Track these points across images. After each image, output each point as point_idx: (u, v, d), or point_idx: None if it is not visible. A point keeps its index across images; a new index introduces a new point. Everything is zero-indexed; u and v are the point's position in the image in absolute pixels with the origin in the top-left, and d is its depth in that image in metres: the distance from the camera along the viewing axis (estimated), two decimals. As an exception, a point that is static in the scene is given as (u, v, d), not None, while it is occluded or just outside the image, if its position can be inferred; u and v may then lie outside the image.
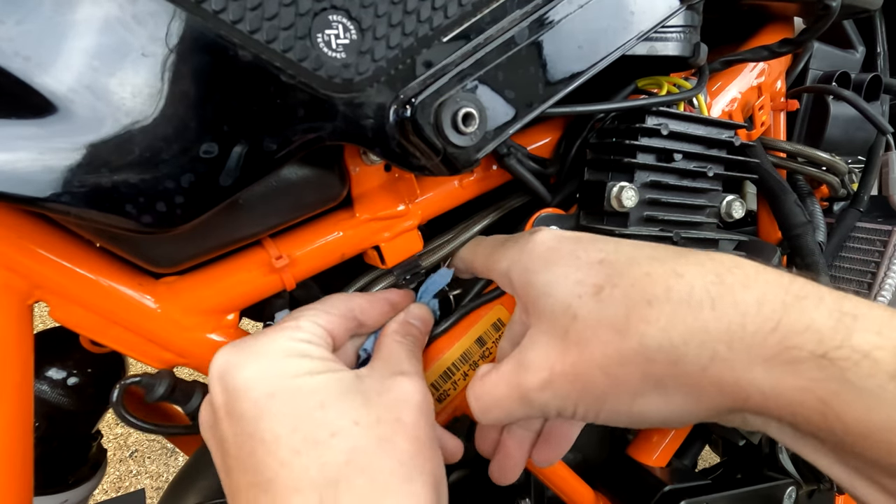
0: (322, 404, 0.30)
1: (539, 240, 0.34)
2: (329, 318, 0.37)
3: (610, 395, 0.27)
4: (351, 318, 0.39)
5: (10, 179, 0.26)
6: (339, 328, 0.37)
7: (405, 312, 0.43)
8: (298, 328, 0.34)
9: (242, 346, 0.33)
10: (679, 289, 0.25)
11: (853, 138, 0.72)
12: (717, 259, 0.26)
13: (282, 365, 0.32)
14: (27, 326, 0.35)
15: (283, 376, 0.31)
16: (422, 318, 0.43)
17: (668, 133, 0.46)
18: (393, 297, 0.43)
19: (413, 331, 0.41)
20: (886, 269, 0.68)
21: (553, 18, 0.38)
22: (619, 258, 0.28)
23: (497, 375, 0.31)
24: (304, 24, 0.30)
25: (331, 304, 0.38)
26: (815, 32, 0.54)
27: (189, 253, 0.36)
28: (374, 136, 0.34)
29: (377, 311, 0.41)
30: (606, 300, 0.27)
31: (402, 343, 0.39)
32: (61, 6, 0.26)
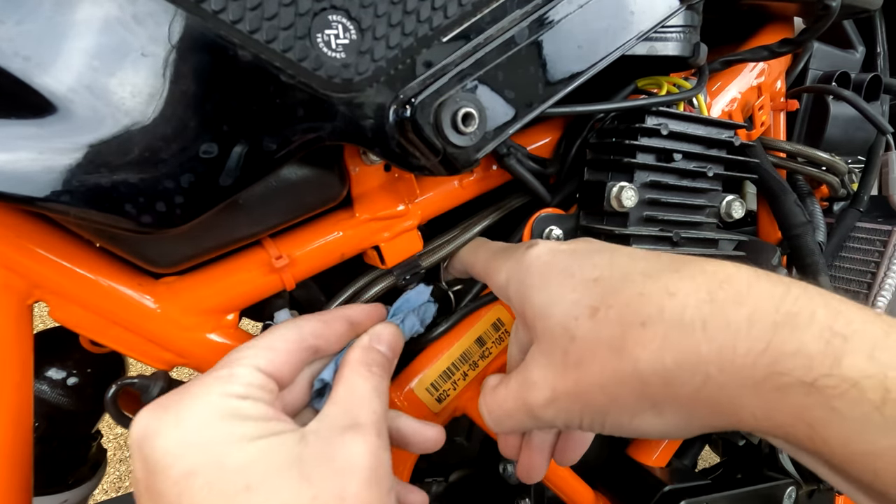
0: (248, 486, 0.26)
1: (535, 254, 0.33)
2: (272, 356, 0.33)
3: (610, 412, 0.27)
4: (303, 348, 0.35)
5: (10, 179, 0.26)
6: (286, 365, 0.33)
7: (370, 335, 0.38)
8: (231, 378, 0.30)
9: (166, 407, 0.29)
10: (672, 308, 0.25)
11: (853, 138, 0.72)
12: (710, 272, 0.25)
13: (206, 433, 0.27)
14: (27, 326, 0.35)
15: (206, 448, 0.27)
16: (390, 341, 0.38)
17: (668, 133, 0.46)
18: (354, 315, 0.39)
19: (378, 358, 0.36)
20: (886, 269, 0.68)
21: (553, 18, 0.38)
22: (614, 275, 0.28)
23: (505, 391, 0.32)
24: (304, 24, 0.30)
25: (276, 337, 0.34)
26: (815, 32, 0.54)
27: (189, 253, 0.36)
28: (374, 136, 0.34)
29: (334, 333, 0.37)
30: (602, 321, 0.27)
31: (364, 377, 0.34)
32: (61, 6, 0.26)
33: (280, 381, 0.33)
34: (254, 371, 0.31)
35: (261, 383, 0.31)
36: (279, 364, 0.33)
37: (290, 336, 0.34)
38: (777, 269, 0.54)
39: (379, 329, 0.38)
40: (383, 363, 0.36)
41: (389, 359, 0.37)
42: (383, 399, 0.33)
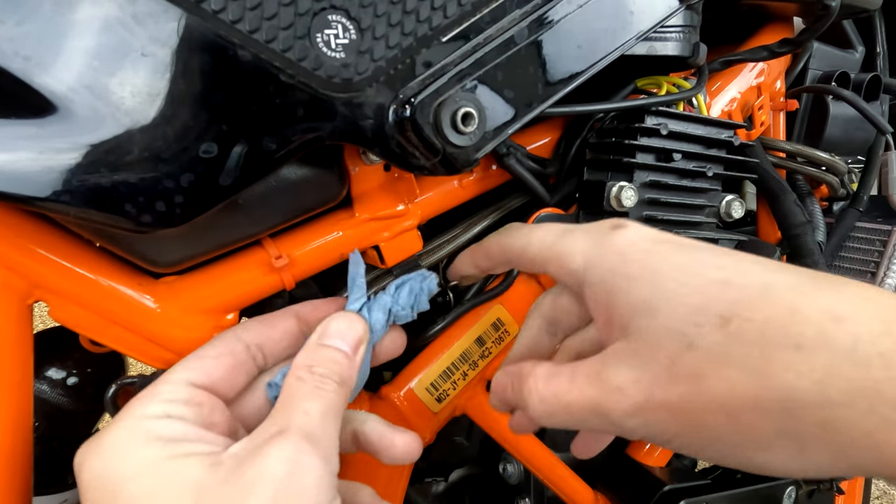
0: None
1: (629, 239, 0.28)
2: (204, 366, 0.30)
3: (726, 439, 0.23)
4: (242, 354, 0.32)
5: (10, 179, 0.26)
6: (223, 374, 0.31)
7: (318, 330, 0.33)
8: (153, 397, 0.28)
9: (95, 436, 0.28)
10: (840, 337, 0.21)
11: (853, 138, 0.72)
12: (879, 300, 0.22)
13: (117, 461, 0.26)
14: (27, 326, 0.35)
15: (110, 479, 0.26)
16: (344, 334, 0.32)
17: (668, 133, 0.47)
18: (303, 311, 0.35)
19: (326, 356, 0.31)
20: (886, 269, 0.68)
21: (552, 18, 0.38)
22: (749, 283, 0.24)
23: (569, 383, 0.27)
24: (304, 24, 0.30)
25: (209, 345, 0.32)
26: (815, 32, 0.54)
27: (189, 253, 0.36)
28: (374, 136, 0.34)
29: (279, 334, 0.34)
30: (736, 335, 0.23)
31: (302, 380, 0.29)
32: (61, 6, 0.26)
33: (220, 393, 0.31)
34: (180, 386, 0.29)
35: (186, 398, 0.29)
36: (214, 374, 0.30)
37: (226, 343, 0.32)
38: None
39: (328, 323, 0.33)
40: (334, 361, 0.31)
41: (346, 354, 0.32)
42: (328, 400, 0.29)
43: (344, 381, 0.31)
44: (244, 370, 0.32)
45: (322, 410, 0.28)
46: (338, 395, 0.30)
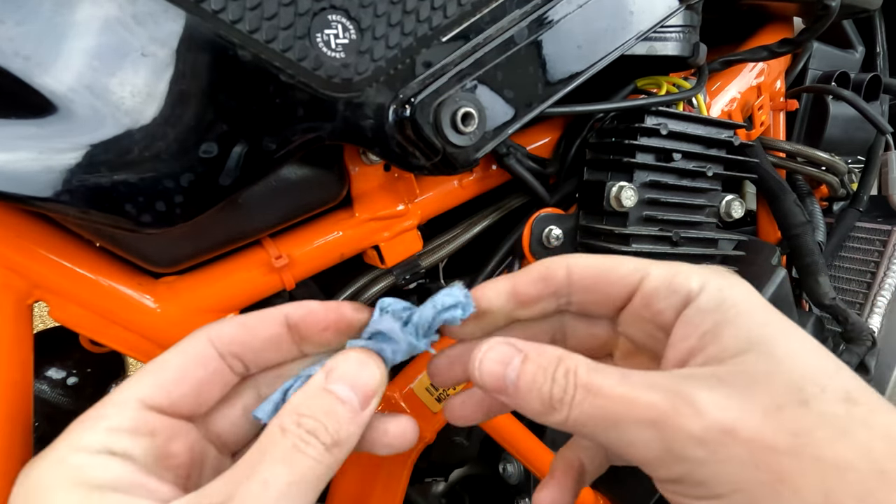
0: None
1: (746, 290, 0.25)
2: (164, 379, 0.25)
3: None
4: (216, 366, 0.26)
5: (10, 179, 0.26)
6: (190, 390, 0.25)
7: (326, 369, 0.26)
8: (96, 422, 0.23)
9: (33, 461, 0.24)
10: None
11: (853, 138, 0.72)
12: None
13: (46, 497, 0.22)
14: (27, 326, 0.35)
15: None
16: (357, 380, 0.25)
17: (668, 133, 0.47)
18: (292, 314, 0.28)
19: (321, 409, 0.24)
20: (886, 269, 0.68)
21: (552, 18, 0.38)
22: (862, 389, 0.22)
23: (621, 384, 0.23)
24: (304, 24, 0.30)
25: (174, 352, 0.26)
26: (815, 32, 0.54)
27: (189, 252, 0.36)
28: (374, 136, 0.34)
29: (261, 339, 0.27)
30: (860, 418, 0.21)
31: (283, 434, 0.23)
32: (61, 6, 0.26)
33: (184, 412, 0.25)
34: (129, 408, 0.24)
35: (134, 426, 0.24)
36: (175, 391, 0.25)
37: (193, 349, 0.26)
38: (776, 269, 0.54)
39: (338, 361, 0.26)
40: (331, 414, 0.24)
41: (352, 407, 0.25)
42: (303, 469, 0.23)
43: (338, 443, 0.24)
44: (218, 382, 0.27)
45: (287, 482, 0.22)
46: (319, 463, 0.23)
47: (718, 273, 0.26)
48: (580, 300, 0.28)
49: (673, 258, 0.48)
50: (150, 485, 0.23)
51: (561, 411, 0.24)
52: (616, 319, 0.29)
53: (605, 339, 0.30)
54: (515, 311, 0.29)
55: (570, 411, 0.24)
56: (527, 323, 0.30)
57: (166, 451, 0.25)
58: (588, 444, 0.32)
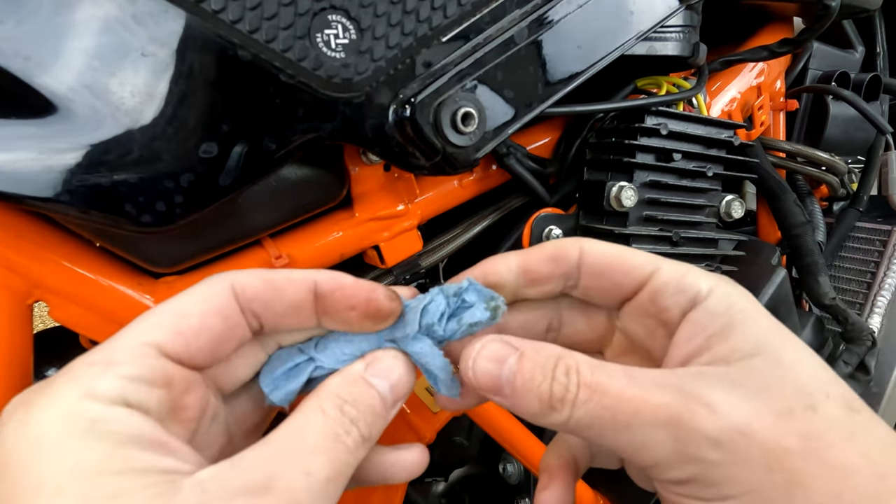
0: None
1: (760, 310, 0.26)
2: (184, 326, 0.23)
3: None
4: (237, 321, 0.24)
5: (11, 179, 0.26)
6: (207, 343, 0.23)
7: (367, 361, 0.25)
8: (105, 368, 0.21)
9: (28, 396, 0.21)
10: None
11: (853, 138, 0.72)
12: None
13: (39, 456, 0.19)
14: (27, 326, 0.35)
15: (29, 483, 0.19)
16: (394, 379, 0.25)
17: (668, 133, 0.47)
18: (323, 282, 0.25)
19: (364, 400, 0.24)
20: (886, 269, 0.68)
21: (552, 18, 0.38)
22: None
23: (628, 384, 0.23)
24: (304, 24, 0.30)
25: (193, 296, 0.24)
26: (815, 32, 0.54)
27: (189, 252, 0.36)
28: (374, 136, 0.34)
29: (286, 303, 0.25)
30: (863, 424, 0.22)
31: (324, 417, 0.23)
32: (61, 6, 0.26)
33: (197, 365, 0.23)
34: (146, 356, 0.22)
35: (152, 375, 0.21)
36: (194, 343, 0.23)
37: (217, 299, 0.24)
38: (776, 269, 0.54)
39: (383, 357, 0.26)
40: (372, 408, 0.24)
41: (385, 404, 0.25)
42: (343, 461, 0.22)
43: (368, 438, 0.23)
44: (234, 337, 0.24)
45: (329, 475, 0.21)
46: (355, 455, 0.23)
47: (725, 279, 0.26)
48: (587, 285, 0.28)
49: (673, 258, 0.48)
50: (171, 443, 0.21)
51: (562, 411, 0.23)
52: (616, 312, 0.29)
53: (602, 331, 0.30)
54: (523, 289, 0.28)
55: (572, 411, 0.23)
56: (527, 305, 0.29)
57: (180, 403, 0.23)
58: (576, 441, 0.31)
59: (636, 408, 0.22)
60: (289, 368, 0.26)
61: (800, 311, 0.58)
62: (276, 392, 0.26)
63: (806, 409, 0.22)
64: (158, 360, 0.22)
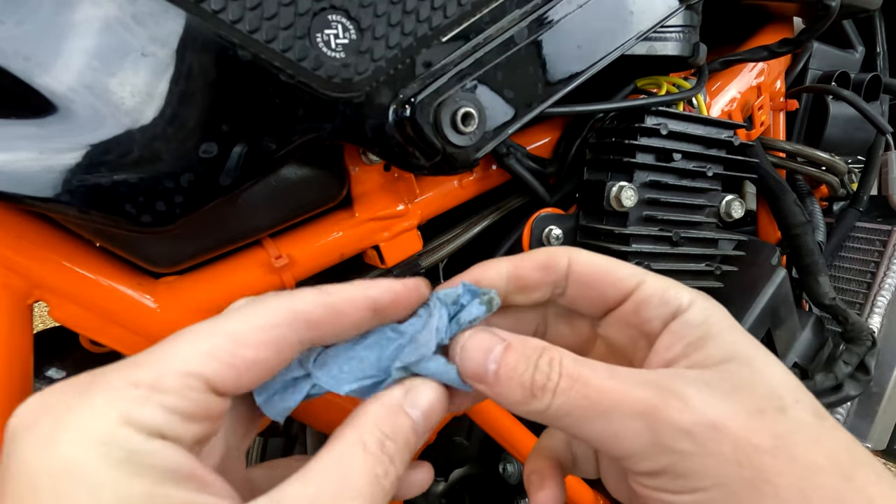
0: None
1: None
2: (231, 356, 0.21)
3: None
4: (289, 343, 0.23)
5: (11, 179, 0.26)
6: (254, 370, 0.22)
7: (406, 388, 0.25)
8: (151, 393, 0.19)
9: (54, 404, 0.20)
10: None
11: (853, 138, 0.72)
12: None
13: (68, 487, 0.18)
14: (27, 326, 0.35)
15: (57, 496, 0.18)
16: (428, 409, 0.25)
17: (668, 133, 0.47)
18: (379, 297, 0.25)
19: (403, 434, 0.24)
20: (886, 269, 0.68)
21: (552, 18, 0.38)
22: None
23: (609, 378, 0.23)
24: (304, 24, 0.30)
25: (248, 318, 0.22)
26: (815, 32, 0.54)
27: (189, 252, 0.36)
28: (374, 136, 0.34)
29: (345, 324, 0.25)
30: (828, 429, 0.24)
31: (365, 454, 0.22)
32: (61, 6, 0.26)
33: (234, 393, 0.22)
34: (192, 388, 0.20)
35: (193, 411, 0.20)
36: (247, 376, 0.22)
37: (275, 329, 0.22)
38: (776, 269, 0.54)
39: (423, 387, 0.25)
40: (407, 442, 0.24)
41: (419, 433, 0.24)
42: (380, 500, 0.22)
43: (400, 477, 0.23)
44: (280, 361, 0.23)
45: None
46: (389, 496, 0.22)
47: (704, 295, 0.27)
48: (574, 294, 0.28)
49: (673, 258, 0.48)
50: (207, 477, 0.20)
51: (542, 399, 0.23)
52: (599, 320, 0.29)
53: (585, 338, 0.31)
54: (512, 295, 0.28)
55: (552, 399, 0.23)
56: (515, 311, 0.30)
57: (210, 432, 0.22)
58: (558, 446, 0.32)
59: (615, 398, 0.23)
60: (286, 383, 0.25)
61: (800, 311, 0.58)
62: (270, 407, 0.25)
63: (776, 410, 0.23)
64: (203, 393, 0.20)
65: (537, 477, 0.31)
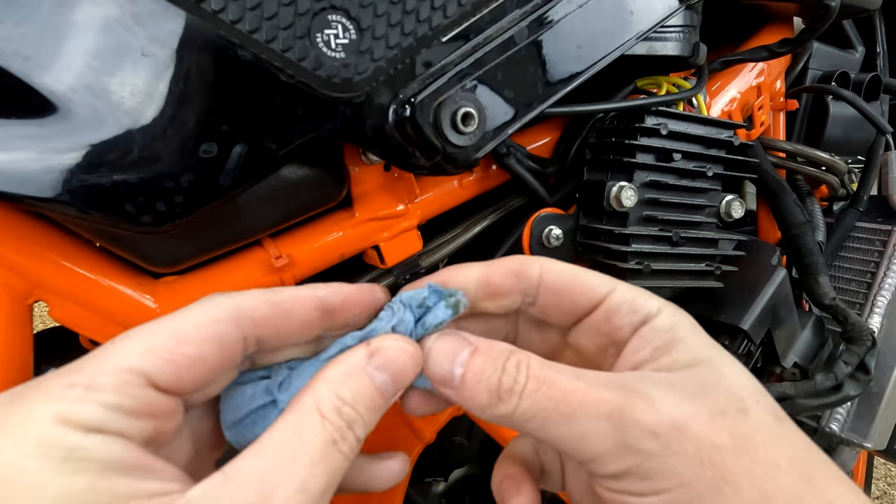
0: None
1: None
2: (172, 353, 0.21)
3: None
4: (234, 350, 0.23)
5: (11, 179, 0.26)
6: (199, 375, 0.22)
7: (373, 348, 0.24)
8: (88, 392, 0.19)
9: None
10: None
11: (853, 138, 0.72)
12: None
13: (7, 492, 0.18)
14: (27, 326, 0.35)
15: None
16: (398, 369, 0.24)
17: (668, 133, 0.47)
18: (328, 297, 0.25)
19: (366, 397, 0.23)
20: (886, 269, 0.68)
21: (552, 18, 0.38)
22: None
23: (575, 380, 0.23)
24: (304, 24, 0.30)
25: (189, 317, 0.22)
26: (815, 32, 0.54)
27: (189, 252, 0.36)
28: (374, 136, 0.34)
29: (292, 325, 0.24)
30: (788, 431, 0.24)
31: (322, 423, 0.22)
32: (61, 6, 0.26)
33: (180, 393, 0.22)
34: (130, 384, 0.20)
35: (133, 407, 0.20)
36: (189, 373, 0.21)
37: (217, 329, 0.22)
38: (776, 269, 0.54)
39: (389, 345, 0.24)
40: (372, 405, 0.23)
41: (386, 395, 0.24)
42: (337, 471, 0.21)
43: (362, 439, 0.23)
44: (226, 367, 0.23)
45: (324, 487, 0.21)
46: (349, 460, 0.22)
47: (672, 304, 0.28)
48: (545, 303, 0.28)
49: (673, 258, 0.48)
50: (154, 464, 0.20)
51: (509, 402, 0.23)
52: (569, 330, 0.29)
53: (554, 347, 0.31)
54: (481, 302, 0.28)
55: (519, 402, 0.23)
56: (485, 318, 0.30)
57: (160, 430, 0.21)
58: (525, 456, 0.32)
59: (581, 399, 0.23)
60: (252, 411, 0.25)
61: (800, 311, 0.58)
62: (239, 437, 0.25)
63: (738, 411, 0.23)
64: (144, 389, 0.20)
65: (511, 483, 0.31)
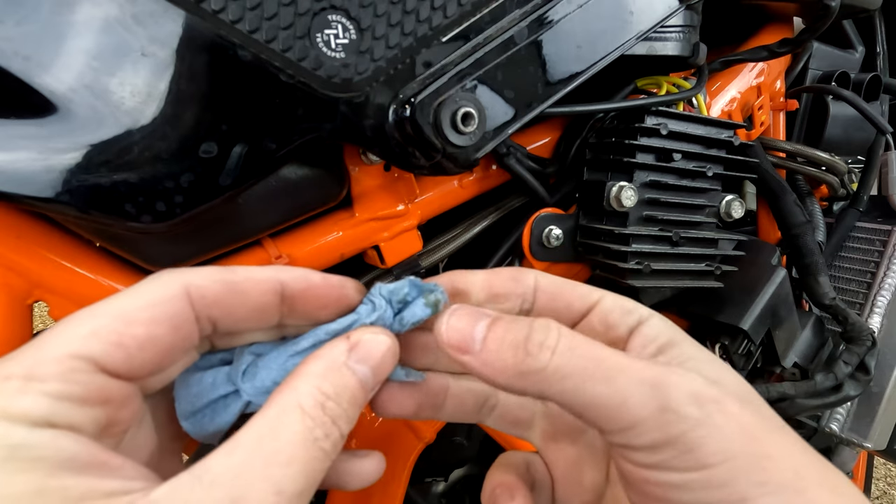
0: None
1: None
2: (126, 337, 0.20)
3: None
4: (188, 330, 0.21)
5: (11, 179, 0.26)
6: (152, 357, 0.20)
7: (353, 342, 0.23)
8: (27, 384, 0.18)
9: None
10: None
11: (853, 138, 0.72)
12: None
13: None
14: (27, 326, 0.35)
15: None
16: (378, 362, 0.23)
17: (668, 133, 0.47)
18: (289, 281, 0.23)
19: (347, 392, 0.22)
20: (886, 269, 0.68)
21: (552, 18, 0.38)
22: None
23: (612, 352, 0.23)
24: (304, 24, 0.30)
25: (137, 297, 0.21)
26: (815, 32, 0.54)
27: (189, 252, 0.36)
28: (374, 136, 0.34)
29: (248, 307, 0.23)
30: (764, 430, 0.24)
31: (303, 419, 0.20)
32: (61, 6, 0.26)
33: (133, 377, 0.20)
34: (75, 370, 0.18)
35: (82, 394, 0.18)
36: (140, 355, 0.20)
37: (169, 308, 0.21)
38: (776, 269, 0.54)
39: (369, 338, 0.23)
40: (353, 400, 0.22)
41: (367, 389, 0.23)
42: (316, 471, 0.20)
43: (345, 436, 0.21)
44: (182, 348, 0.22)
45: (302, 489, 0.19)
46: (330, 458, 0.21)
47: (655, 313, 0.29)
48: (542, 306, 0.28)
49: (673, 258, 0.48)
50: (112, 461, 0.18)
51: (539, 356, 0.22)
52: None
53: None
54: (484, 304, 0.28)
55: (552, 357, 0.22)
56: None
57: (115, 419, 0.20)
58: (522, 463, 0.30)
59: (622, 364, 0.22)
60: (212, 401, 0.23)
61: (800, 311, 0.58)
62: (198, 429, 0.23)
63: (749, 402, 0.24)
64: (93, 375, 0.19)
65: (504, 490, 0.29)
